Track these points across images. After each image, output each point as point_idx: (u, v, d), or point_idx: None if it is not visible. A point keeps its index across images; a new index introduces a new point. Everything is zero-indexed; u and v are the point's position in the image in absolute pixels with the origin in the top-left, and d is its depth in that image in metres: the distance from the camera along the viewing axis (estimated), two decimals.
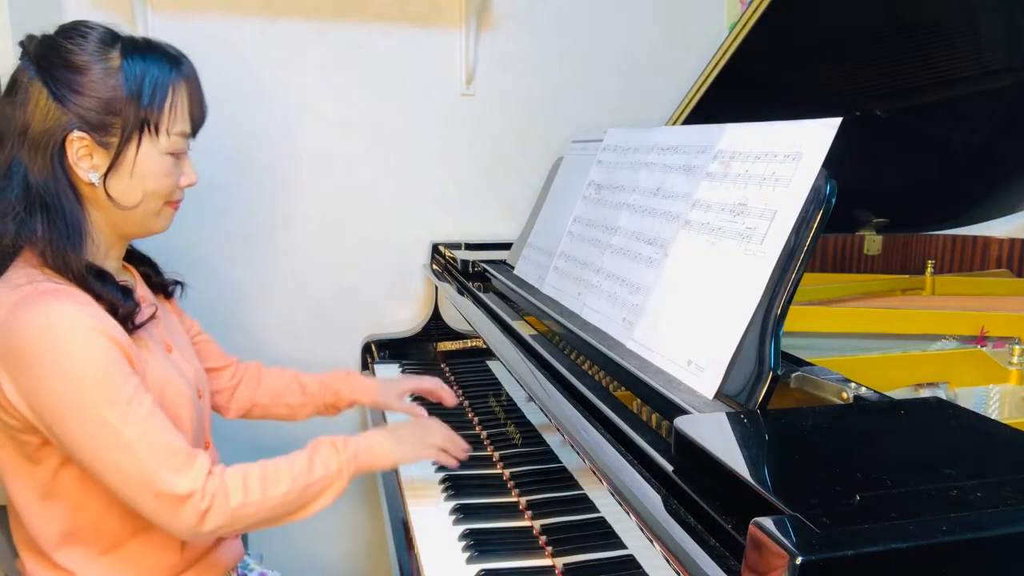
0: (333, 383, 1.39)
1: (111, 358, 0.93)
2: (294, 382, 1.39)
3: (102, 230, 1.04)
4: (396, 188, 1.91)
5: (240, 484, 0.97)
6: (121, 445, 0.91)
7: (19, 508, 1.03)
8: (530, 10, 1.92)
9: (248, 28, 1.76)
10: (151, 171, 1.03)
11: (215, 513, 0.95)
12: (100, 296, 0.98)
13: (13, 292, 0.94)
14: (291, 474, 1.01)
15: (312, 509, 1.03)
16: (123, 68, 0.99)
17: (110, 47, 1.00)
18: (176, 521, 0.94)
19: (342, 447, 1.06)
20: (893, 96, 1.53)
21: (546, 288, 1.31)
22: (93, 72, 0.98)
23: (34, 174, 0.97)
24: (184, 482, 0.93)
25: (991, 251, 1.75)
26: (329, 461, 1.04)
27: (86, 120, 0.98)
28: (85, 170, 0.99)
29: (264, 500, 0.98)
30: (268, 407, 1.38)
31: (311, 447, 1.06)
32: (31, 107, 0.97)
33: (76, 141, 0.98)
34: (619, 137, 1.30)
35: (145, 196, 1.04)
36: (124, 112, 0.99)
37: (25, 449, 0.99)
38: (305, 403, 1.38)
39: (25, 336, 0.91)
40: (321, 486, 1.03)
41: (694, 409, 0.78)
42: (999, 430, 0.69)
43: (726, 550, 0.59)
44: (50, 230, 0.97)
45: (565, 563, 1.02)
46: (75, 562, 1.03)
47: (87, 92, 0.97)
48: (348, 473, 1.05)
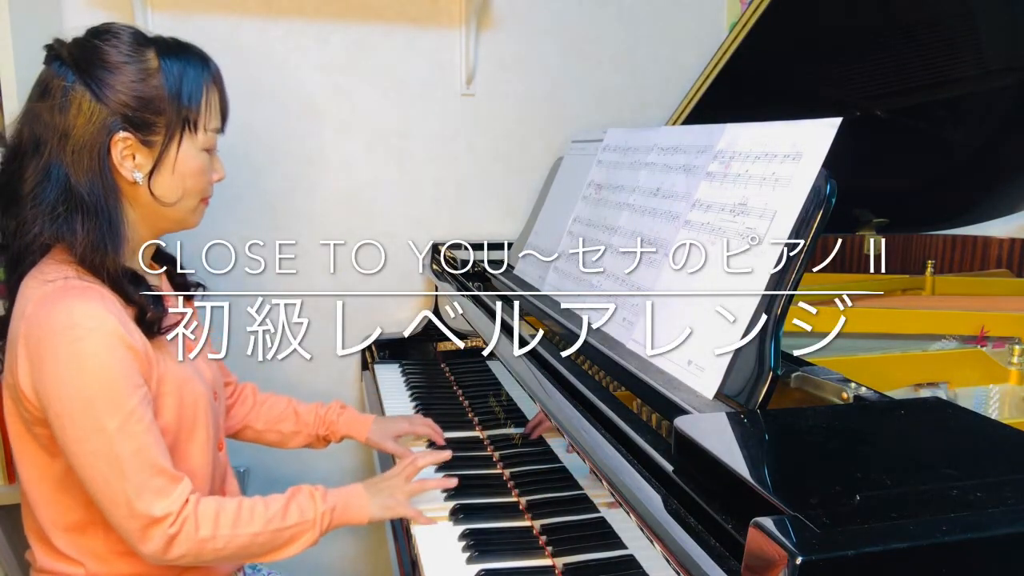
0: (328, 416, 1.39)
1: (124, 366, 0.94)
2: (289, 409, 1.39)
3: (136, 229, 1.06)
4: (396, 188, 1.91)
5: (212, 517, 0.98)
6: (112, 456, 0.93)
7: (33, 498, 1.04)
8: (530, 10, 1.91)
9: (248, 28, 1.76)
10: (190, 168, 1.06)
11: (182, 540, 0.95)
12: (131, 300, 0.99)
13: (43, 286, 0.96)
14: (265, 516, 1.01)
15: (282, 554, 1.04)
16: (162, 68, 1.02)
17: (145, 47, 1.02)
18: (143, 542, 0.95)
19: (320, 499, 1.06)
20: (893, 96, 1.53)
21: (546, 288, 1.31)
22: (133, 72, 1.00)
23: (77, 176, 0.98)
24: (161, 505, 0.94)
25: (991, 251, 1.75)
26: (306, 509, 1.04)
27: (130, 120, 1.00)
28: (129, 169, 1.01)
29: (233, 537, 0.99)
30: (261, 432, 1.38)
31: (290, 492, 1.06)
32: (74, 110, 0.98)
33: (121, 142, 1.00)
34: (619, 137, 1.30)
35: (184, 193, 1.06)
36: (167, 111, 1.02)
37: (41, 441, 1.00)
38: (298, 432, 1.38)
39: (47, 329, 0.92)
40: (292, 533, 1.03)
41: (694, 409, 0.78)
42: (999, 430, 0.69)
43: (726, 550, 0.58)
44: (90, 231, 0.98)
45: (565, 563, 1.02)
46: (83, 553, 1.04)
47: (130, 92, 0.99)
48: (322, 525, 1.05)
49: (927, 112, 1.53)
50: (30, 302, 0.95)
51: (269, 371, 1.73)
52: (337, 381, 1.91)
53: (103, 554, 1.04)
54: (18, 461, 1.04)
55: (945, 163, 1.62)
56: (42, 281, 0.97)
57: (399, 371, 1.80)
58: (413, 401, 1.61)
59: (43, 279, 0.97)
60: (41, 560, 1.06)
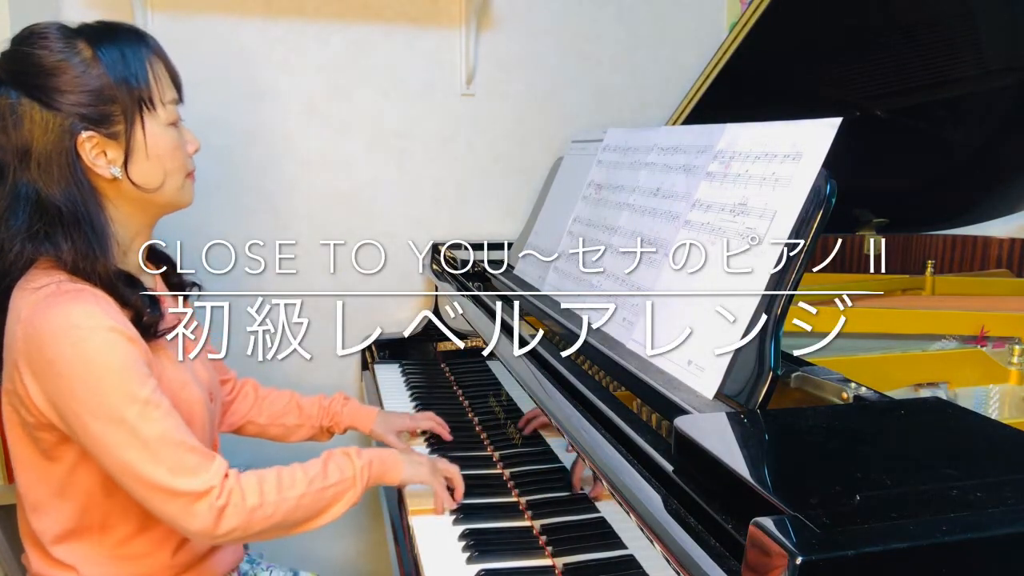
0: (332, 407, 1.39)
1: (131, 358, 0.93)
2: (292, 403, 1.39)
3: (126, 224, 1.04)
4: (396, 188, 1.91)
5: (256, 486, 0.97)
6: (139, 444, 0.91)
7: (30, 503, 1.03)
8: (530, 10, 1.91)
9: (248, 28, 1.76)
10: (163, 147, 1.03)
11: (231, 512, 0.94)
12: (126, 302, 0.98)
13: (34, 294, 0.94)
14: (306, 479, 1.01)
15: (326, 517, 1.03)
16: (99, 56, 0.98)
17: (75, 40, 0.99)
18: (192, 520, 0.93)
19: (355, 456, 1.06)
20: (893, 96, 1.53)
21: (546, 288, 1.31)
22: (72, 69, 0.97)
23: (49, 190, 0.96)
24: (201, 480, 0.93)
25: (991, 251, 1.75)
26: (344, 467, 1.04)
27: (87, 117, 0.97)
28: (104, 167, 0.99)
29: (280, 502, 0.98)
30: (264, 427, 1.38)
31: (325, 455, 1.06)
32: (27, 125, 0.95)
33: (87, 142, 0.97)
34: (619, 137, 1.30)
35: (166, 174, 1.04)
36: (119, 97, 0.99)
37: (41, 446, 0.99)
38: (302, 424, 1.38)
39: (47, 334, 0.91)
40: (335, 492, 1.03)
41: (694, 409, 0.78)
42: (999, 430, 0.69)
43: (726, 550, 0.58)
44: (76, 240, 0.96)
45: (565, 563, 1.02)
46: (78, 558, 1.03)
47: (76, 89, 0.96)
48: (362, 481, 1.05)
49: (927, 112, 1.53)
50: (23, 309, 0.94)
51: (269, 371, 1.72)
52: (337, 381, 1.91)
53: (98, 559, 1.04)
54: (16, 466, 1.04)
55: (945, 163, 1.62)
56: (32, 289, 0.95)
57: (399, 371, 1.80)
58: (413, 401, 1.61)
59: (33, 287, 0.95)
60: (36, 565, 1.05)
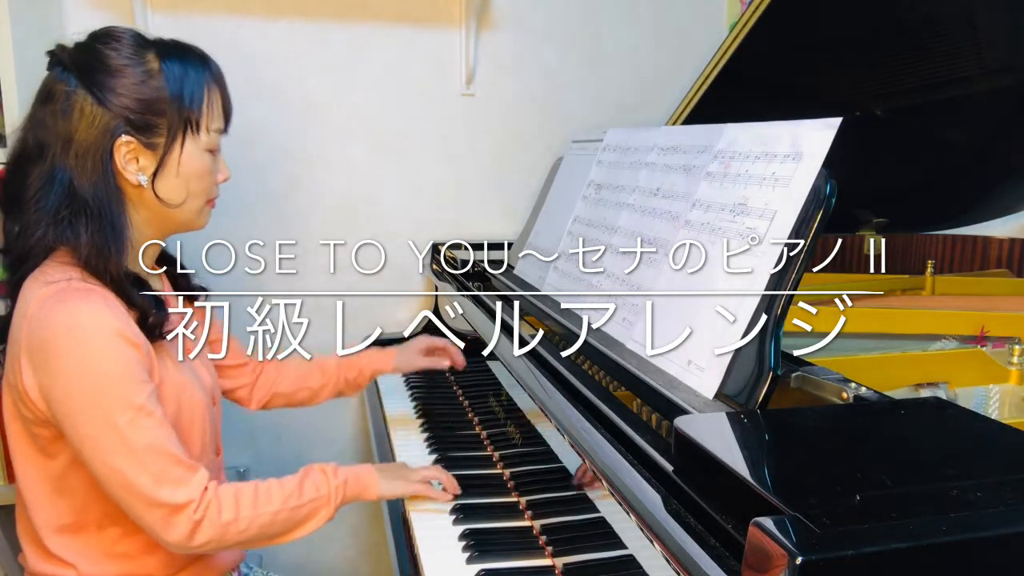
0: (352, 358, 1.41)
1: (131, 363, 0.95)
2: (313, 365, 1.42)
3: (141, 231, 1.07)
4: (396, 188, 1.91)
5: (232, 500, 0.99)
6: (127, 451, 0.93)
7: (28, 499, 1.04)
8: (530, 10, 1.91)
9: (248, 28, 1.76)
10: (194, 170, 1.06)
11: (207, 525, 0.96)
12: (133, 303, 1.00)
13: (45, 287, 0.96)
14: (282, 494, 1.03)
15: (300, 532, 1.05)
16: (163, 70, 1.02)
17: (145, 50, 1.03)
18: (168, 531, 0.95)
19: (332, 474, 1.08)
20: (893, 96, 1.53)
21: (546, 288, 1.31)
22: (134, 75, 1.01)
23: (81, 181, 0.99)
24: (183, 493, 0.95)
25: (991, 251, 1.75)
26: (320, 485, 1.06)
27: (132, 123, 1.00)
28: (133, 172, 1.02)
29: (255, 518, 1.00)
30: (291, 394, 1.41)
31: (302, 472, 1.08)
32: (76, 115, 0.99)
33: (124, 145, 1.00)
34: (619, 137, 1.30)
35: (189, 195, 1.07)
36: (169, 113, 1.02)
37: (39, 442, 1.00)
38: (326, 383, 1.41)
39: (51, 330, 0.93)
40: (310, 509, 1.04)
41: (694, 409, 0.78)
42: (999, 430, 0.69)
43: (726, 550, 0.58)
44: (94, 235, 0.98)
45: (565, 563, 1.02)
46: (75, 554, 1.04)
47: (131, 95, 1.00)
48: (336, 499, 1.07)
49: (927, 112, 1.53)
50: (32, 302, 0.95)
51: None
52: None
53: (95, 556, 1.04)
54: (15, 460, 1.04)
55: (945, 163, 1.62)
56: (44, 282, 0.97)
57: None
58: (413, 401, 1.61)
59: (45, 280, 0.97)
60: (33, 562, 1.06)
